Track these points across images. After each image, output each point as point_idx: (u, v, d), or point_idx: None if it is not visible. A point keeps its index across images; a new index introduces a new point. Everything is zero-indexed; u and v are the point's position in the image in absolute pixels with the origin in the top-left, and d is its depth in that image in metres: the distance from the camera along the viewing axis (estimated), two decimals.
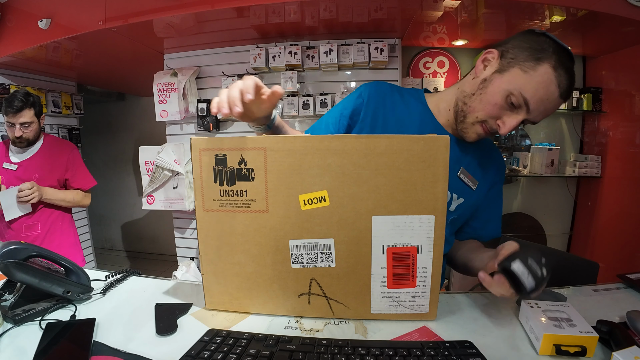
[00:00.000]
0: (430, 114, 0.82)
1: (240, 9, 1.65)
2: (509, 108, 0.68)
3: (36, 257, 0.65)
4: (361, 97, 0.82)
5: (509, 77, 0.67)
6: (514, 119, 0.67)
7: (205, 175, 0.57)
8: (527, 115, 0.66)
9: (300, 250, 0.58)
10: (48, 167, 1.79)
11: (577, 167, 2.28)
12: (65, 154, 1.85)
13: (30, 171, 1.75)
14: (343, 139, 0.54)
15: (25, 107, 1.65)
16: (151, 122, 2.39)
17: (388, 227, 0.56)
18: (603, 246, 2.30)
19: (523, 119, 0.67)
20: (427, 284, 0.59)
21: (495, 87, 0.68)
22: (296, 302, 0.61)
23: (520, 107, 0.66)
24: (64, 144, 1.93)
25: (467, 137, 0.75)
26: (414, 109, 0.82)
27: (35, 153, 1.79)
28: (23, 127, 1.67)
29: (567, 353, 0.50)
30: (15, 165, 1.75)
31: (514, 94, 0.66)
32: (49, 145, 1.84)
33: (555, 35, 0.66)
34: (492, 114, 0.69)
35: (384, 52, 1.92)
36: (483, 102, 0.70)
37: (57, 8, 1.87)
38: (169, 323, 0.58)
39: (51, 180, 1.79)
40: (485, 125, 0.71)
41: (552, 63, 0.63)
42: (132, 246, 4.27)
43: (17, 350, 0.53)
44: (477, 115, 0.71)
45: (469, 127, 0.74)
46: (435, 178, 0.55)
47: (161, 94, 2.14)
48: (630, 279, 0.76)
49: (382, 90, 0.82)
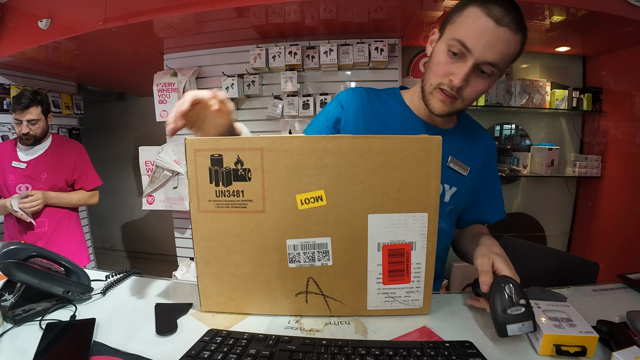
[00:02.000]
0: (409, 110, 0.83)
1: (240, 9, 1.65)
2: (454, 61, 0.68)
3: (36, 257, 0.65)
4: (339, 105, 0.83)
5: (444, 37, 0.70)
6: (462, 67, 0.67)
7: (201, 176, 0.57)
8: (472, 57, 0.66)
9: (297, 249, 0.58)
10: (56, 167, 1.82)
11: (577, 167, 2.28)
12: (73, 153, 1.88)
13: (38, 170, 1.78)
14: (340, 139, 0.55)
15: (32, 105, 1.69)
16: (151, 122, 2.38)
17: (383, 225, 0.57)
18: (603, 246, 2.30)
19: (473, 63, 0.66)
20: (421, 279, 0.60)
21: (437, 51, 0.71)
22: (293, 301, 0.61)
23: (463, 53, 0.67)
24: (72, 143, 1.96)
25: (433, 108, 0.74)
26: (393, 109, 0.83)
27: (44, 152, 1.82)
28: (30, 124, 1.70)
29: (567, 353, 0.50)
30: (25, 163, 1.78)
31: (451, 44, 0.67)
32: (57, 145, 1.87)
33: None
34: (441, 73, 0.70)
35: (384, 52, 1.92)
36: (432, 69, 0.72)
37: (57, 8, 1.87)
38: (169, 323, 0.58)
39: (58, 179, 1.82)
40: (442, 88, 0.71)
41: (477, 2, 0.65)
42: (132, 246, 4.27)
43: (17, 350, 0.53)
44: (431, 82, 0.72)
45: (430, 98, 0.74)
46: (429, 177, 0.56)
47: (161, 94, 2.14)
48: (630, 279, 0.76)
49: (359, 96, 0.83)
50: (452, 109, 0.73)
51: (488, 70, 0.67)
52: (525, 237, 1.51)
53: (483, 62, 0.66)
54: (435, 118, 0.80)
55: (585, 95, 2.28)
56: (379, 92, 0.87)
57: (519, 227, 2.53)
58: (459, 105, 0.73)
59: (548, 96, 2.27)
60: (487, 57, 0.65)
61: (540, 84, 2.25)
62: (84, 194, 1.92)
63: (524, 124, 2.48)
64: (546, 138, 2.49)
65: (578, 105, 2.28)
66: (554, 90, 2.27)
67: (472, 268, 1.68)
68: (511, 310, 0.51)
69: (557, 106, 2.26)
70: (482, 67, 0.67)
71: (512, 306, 0.51)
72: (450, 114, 0.75)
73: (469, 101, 0.73)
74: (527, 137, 2.50)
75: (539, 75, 2.39)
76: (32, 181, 1.79)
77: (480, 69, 0.67)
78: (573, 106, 2.27)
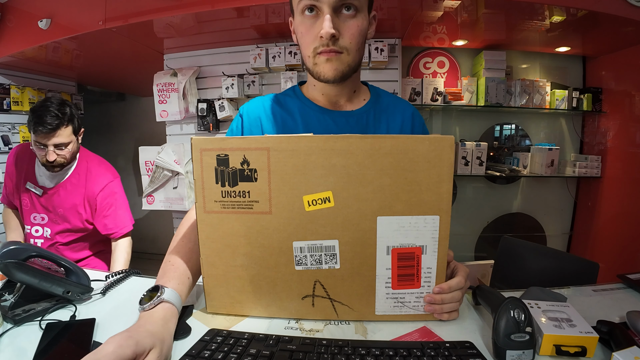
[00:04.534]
0: (309, 102, 0.82)
1: (240, 9, 1.65)
2: (313, 21, 0.68)
3: (36, 257, 0.65)
4: (239, 121, 0.83)
5: (295, 11, 0.71)
6: (322, 18, 0.66)
7: (207, 176, 0.56)
8: (323, 3, 0.65)
9: (304, 252, 0.57)
10: (75, 202, 1.41)
11: (577, 167, 2.28)
12: (99, 186, 1.43)
13: (54, 203, 1.40)
14: (348, 139, 0.53)
15: (62, 125, 1.27)
16: (151, 122, 2.38)
17: (393, 227, 0.56)
18: (603, 246, 2.30)
19: (329, 9, 0.66)
20: (431, 284, 0.59)
21: (297, 25, 0.72)
22: (300, 305, 0.60)
23: (314, 5, 0.67)
24: (103, 170, 1.49)
25: (325, 74, 0.71)
26: (293, 108, 0.81)
27: (66, 179, 1.41)
28: (57, 149, 1.29)
29: (567, 353, 0.50)
30: (40, 189, 1.41)
31: (301, 6, 0.68)
32: (84, 171, 1.44)
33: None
34: (310, 39, 0.69)
35: (384, 52, 1.92)
36: (302, 43, 0.72)
37: (57, 8, 1.87)
38: (181, 326, 0.58)
39: (76, 220, 1.42)
40: (319, 51, 0.69)
41: None
42: (132, 246, 4.27)
43: (17, 350, 0.53)
44: (308, 54, 0.71)
45: (316, 68, 0.71)
46: (440, 178, 0.54)
47: (161, 94, 2.14)
48: (630, 279, 0.76)
49: (253, 109, 0.82)
50: (343, 65, 0.70)
51: (349, 4, 0.67)
52: (525, 237, 1.50)
53: (338, 2, 0.65)
54: (337, 99, 0.79)
55: (585, 95, 2.28)
56: (278, 96, 0.85)
57: (519, 227, 2.52)
58: (346, 58, 0.70)
59: (548, 96, 2.27)
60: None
61: (540, 84, 2.25)
62: (124, 246, 1.47)
63: (524, 124, 2.48)
64: (546, 138, 2.48)
65: (578, 105, 2.28)
66: (554, 91, 2.27)
67: (472, 268, 1.70)
68: (515, 337, 0.49)
69: (557, 106, 2.26)
70: (342, 6, 0.66)
71: (517, 332, 0.49)
72: (345, 73, 0.71)
73: (355, 49, 0.70)
74: (527, 137, 2.50)
75: (539, 75, 2.39)
76: (48, 213, 1.42)
77: (341, 10, 0.67)
78: (573, 106, 2.27)
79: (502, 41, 2.17)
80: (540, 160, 2.28)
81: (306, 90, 0.84)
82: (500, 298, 0.56)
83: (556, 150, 2.25)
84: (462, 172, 2.22)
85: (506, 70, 2.28)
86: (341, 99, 0.80)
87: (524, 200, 2.54)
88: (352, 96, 0.82)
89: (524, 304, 0.52)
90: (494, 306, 0.55)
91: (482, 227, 2.54)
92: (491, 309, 0.57)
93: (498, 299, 0.56)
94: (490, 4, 1.69)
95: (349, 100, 0.81)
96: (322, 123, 0.79)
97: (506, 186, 2.52)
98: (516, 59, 2.37)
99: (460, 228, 2.49)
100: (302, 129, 0.78)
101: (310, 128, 0.78)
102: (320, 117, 0.79)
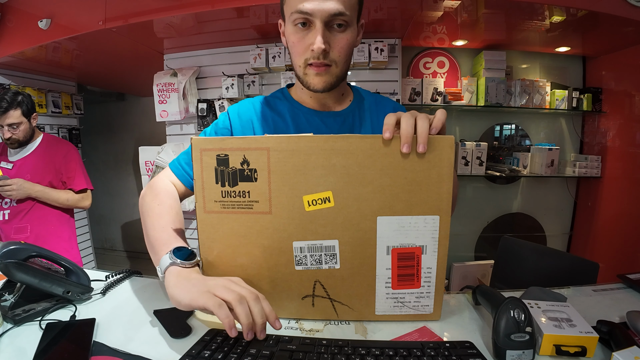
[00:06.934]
0: (298, 104, 0.83)
1: (240, 9, 1.65)
2: (305, 32, 0.69)
3: (36, 257, 0.65)
4: (227, 121, 0.83)
5: (286, 19, 0.71)
6: (314, 32, 0.67)
7: (206, 176, 0.56)
8: (317, 17, 0.66)
9: (304, 252, 0.57)
10: (40, 168, 1.76)
11: (577, 167, 2.28)
12: (59, 155, 1.80)
13: (23, 171, 1.74)
14: (348, 139, 0.53)
15: (11, 108, 1.62)
16: (151, 122, 2.38)
17: (393, 227, 0.56)
18: (603, 246, 2.30)
19: (321, 23, 0.66)
20: (431, 284, 0.59)
21: (288, 34, 0.72)
22: (300, 305, 0.60)
23: (307, 20, 0.67)
24: (61, 144, 1.87)
25: (314, 85, 0.73)
26: (283, 110, 0.83)
27: (30, 153, 1.78)
28: (11, 128, 1.65)
29: (567, 353, 0.50)
30: (11, 164, 1.75)
31: (294, 19, 0.68)
32: (45, 145, 1.81)
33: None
34: (301, 49, 0.70)
35: (384, 52, 1.92)
36: (293, 52, 0.73)
37: (57, 8, 1.87)
38: (182, 325, 0.58)
39: (43, 182, 1.76)
40: (310, 63, 0.70)
41: None
42: (132, 246, 4.27)
43: (17, 350, 0.53)
44: (299, 64, 0.72)
45: (306, 78, 0.73)
46: (440, 178, 0.54)
47: (161, 94, 2.14)
48: (630, 279, 0.76)
49: (245, 111, 0.83)
50: (332, 78, 0.72)
51: (341, 22, 0.67)
52: (525, 237, 1.51)
53: (329, 17, 0.66)
54: (325, 101, 0.81)
55: (585, 95, 2.28)
56: (267, 98, 0.86)
57: (519, 227, 2.53)
58: (335, 70, 0.72)
59: (548, 96, 2.27)
60: (329, 9, 0.65)
61: (540, 84, 2.25)
62: (72, 195, 1.82)
63: (524, 124, 2.49)
64: (546, 138, 2.49)
65: (578, 105, 2.28)
66: (554, 91, 2.27)
67: (472, 268, 1.70)
68: (515, 337, 0.49)
69: (557, 106, 2.26)
70: (333, 22, 0.67)
71: (517, 332, 0.49)
72: (334, 84, 0.73)
73: (343, 61, 0.72)
74: (527, 137, 2.50)
75: (539, 75, 2.39)
76: None
77: (332, 25, 0.68)
78: (573, 106, 2.27)
79: (502, 41, 2.18)
80: (540, 160, 2.28)
81: (294, 93, 0.86)
82: (500, 298, 0.56)
83: (556, 150, 2.26)
84: (462, 172, 2.22)
85: (506, 70, 2.28)
86: (329, 101, 0.83)
87: (524, 200, 2.54)
88: (339, 98, 0.84)
89: (524, 304, 0.52)
90: (494, 306, 0.55)
91: (482, 227, 2.54)
92: (491, 309, 0.57)
93: (498, 299, 0.56)
94: (490, 4, 1.69)
95: (336, 101, 0.84)
96: (312, 124, 0.81)
97: (506, 186, 2.52)
98: (516, 59, 2.38)
99: (460, 228, 2.49)
100: (293, 131, 0.80)
101: (301, 129, 0.80)
102: (309, 119, 0.81)
